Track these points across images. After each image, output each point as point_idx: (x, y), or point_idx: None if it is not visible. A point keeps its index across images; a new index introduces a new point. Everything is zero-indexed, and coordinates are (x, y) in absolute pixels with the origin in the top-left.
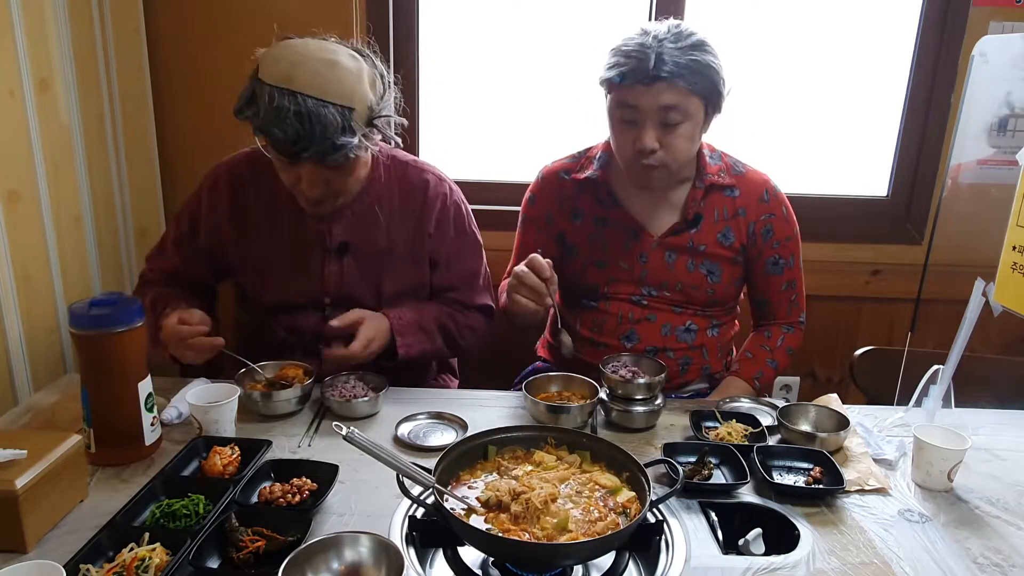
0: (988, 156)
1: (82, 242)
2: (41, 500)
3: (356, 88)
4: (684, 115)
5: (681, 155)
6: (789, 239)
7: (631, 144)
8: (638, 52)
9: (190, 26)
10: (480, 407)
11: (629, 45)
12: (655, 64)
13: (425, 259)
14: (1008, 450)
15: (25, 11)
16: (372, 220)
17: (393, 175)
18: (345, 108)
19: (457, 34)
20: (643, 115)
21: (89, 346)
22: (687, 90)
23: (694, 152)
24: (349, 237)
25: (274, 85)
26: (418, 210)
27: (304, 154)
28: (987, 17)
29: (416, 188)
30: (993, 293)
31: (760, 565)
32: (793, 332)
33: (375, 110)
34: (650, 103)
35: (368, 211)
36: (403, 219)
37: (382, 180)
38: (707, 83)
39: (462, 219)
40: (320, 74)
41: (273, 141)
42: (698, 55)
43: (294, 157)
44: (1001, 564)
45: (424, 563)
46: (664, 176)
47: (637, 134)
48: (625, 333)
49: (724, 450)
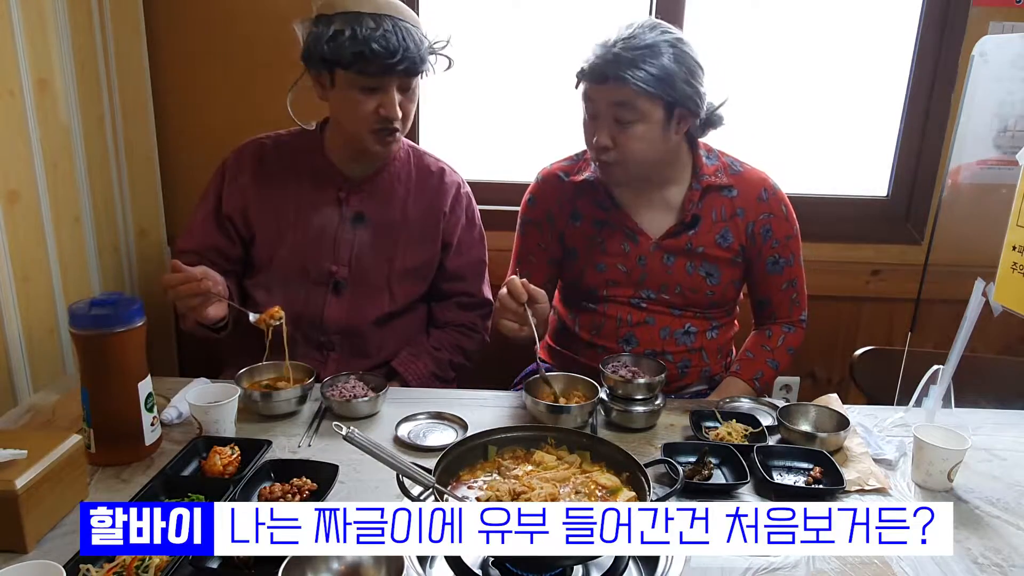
0: (988, 156)
1: (82, 242)
2: (41, 500)
3: (413, 14)
4: (637, 115)
5: (636, 155)
6: (789, 238)
7: (590, 138)
8: (599, 50)
9: (190, 26)
10: (480, 407)
11: (598, 41)
12: (608, 62)
13: (438, 238)
14: (1008, 450)
15: (25, 11)
16: (389, 194)
17: (412, 159)
18: (416, 27)
19: (457, 34)
20: (599, 112)
21: (89, 346)
22: (637, 91)
23: (656, 153)
24: (365, 208)
25: (355, 11)
26: (434, 191)
27: (400, 66)
28: (987, 17)
29: (433, 172)
30: (993, 293)
31: (760, 565)
32: (794, 331)
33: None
34: (604, 101)
35: (386, 186)
36: (419, 196)
37: (401, 161)
38: (663, 86)
39: (472, 209)
40: (390, 2)
41: (367, 60)
42: (656, 57)
43: (389, 70)
44: (1001, 564)
45: (424, 563)
46: (622, 173)
47: (594, 130)
48: (624, 336)
49: (724, 450)
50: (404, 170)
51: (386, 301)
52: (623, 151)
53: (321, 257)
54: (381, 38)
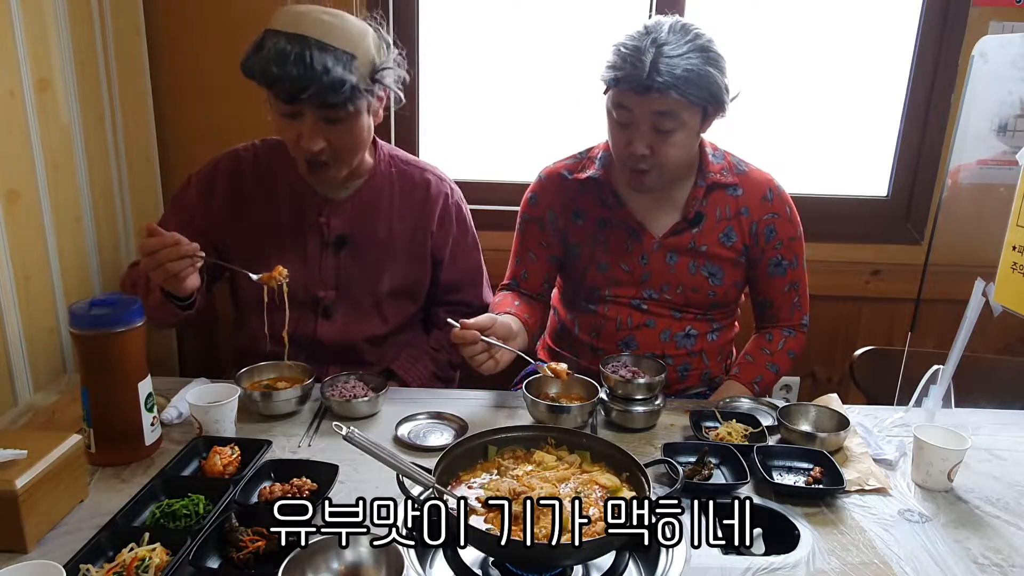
0: (988, 156)
1: (82, 242)
2: (41, 500)
3: (360, 41)
4: (678, 123)
5: (672, 161)
6: (792, 239)
7: (624, 146)
8: (634, 57)
9: (190, 26)
10: (480, 407)
11: (627, 47)
12: (649, 73)
13: (426, 256)
14: (1008, 450)
15: (25, 11)
16: (372, 215)
17: (393, 172)
18: (348, 54)
19: (457, 34)
20: (636, 120)
21: (89, 346)
22: (681, 100)
23: (688, 157)
24: (348, 230)
25: (280, 30)
26: (420, 207)
27: (303, 95)
28: (987, 17)
29: (418, 185)
30: (993, 293)
31: (760, 565)
32: (795, 336)
33: (377, 65)
34: (643, 111)
35: (367, 206)
36: (404, 215)
37: (382, 176)
38: (703, 93)
39: (463, 216)
40: (325, 22)
41: (274, 84)
42: (696, 64)
43: (293, 99)
44: (1001, 564)
45: (424, 563)
46: (655, 179)
47: (630, 137)
48: (624, 339)
49: (724, 450)
50: (386, 185)
51: (378, 322)
52: (661, 158)
53: (306, 282)
54: (290, 62)
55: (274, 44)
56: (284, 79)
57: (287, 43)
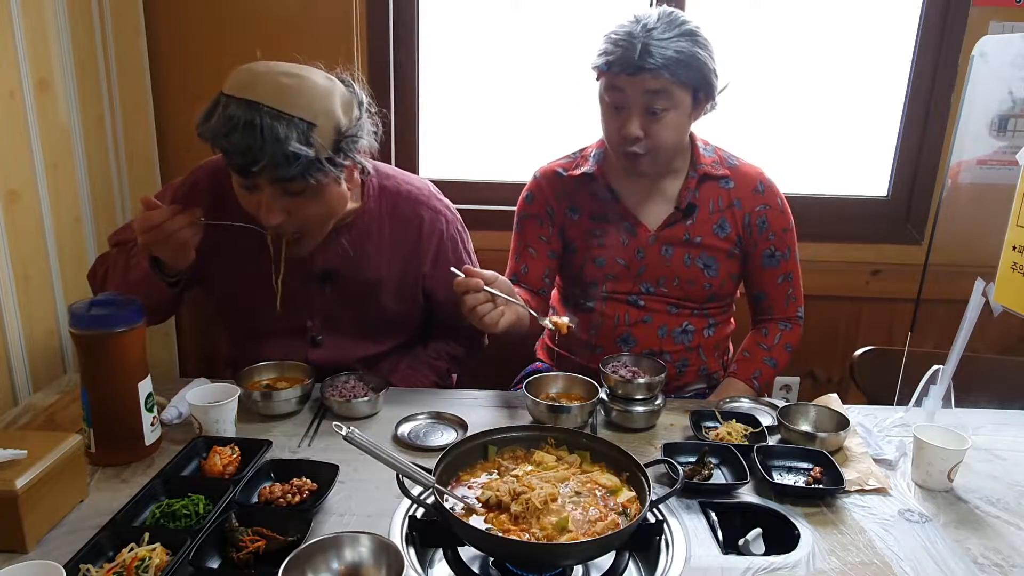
0: (988, 156)
1: (82, 242)
2: (41, 500)
3: (322, 104)
4: (670, 104)
5: (666, 143)
6: (785, 231)
7: (617, 130)
8: (625, 41)
9: (190, 26)
10: (480, 407)
11: (619, 33)
12: (640, 54)
13: (417, 294)
14: (1008, 450)
15: (25, 11)
16: (359, 252)
17: (383, 206)
18: (306, 122)
19: (456, 34)
20: (629, 103)
21: (89, 346)
22: (672, 81)
23: (681, 140)
24: (333, 266)
25: (231, 95)
26: (412, 245)
27: (254, 168)
28: (987, 17)
29: (410, 222)
30: (993, 293)
31: (760, 565)
32: (791, 329)
33: (344, 131)
34: (635, 92)
35: (355, 243)
36: (394, 252)
37: (371, 214)
38: (694, 74)
39: (459, 250)
40: (282, 85)
41: (224, 155)
42: (685, 46)
43: (244, 172)
44: (1001, 564)
45: (424, 563)
46: (650, 163)
47: (623, 121)
48: (622, 336)
49: (724, 450)
50: (375, 224)
51: (370, 346)
52: (654, 140)
53: (292, 313)
54: (238, 132)
55: (224, 110)
56: (232, 152)
57: (237, 110)
